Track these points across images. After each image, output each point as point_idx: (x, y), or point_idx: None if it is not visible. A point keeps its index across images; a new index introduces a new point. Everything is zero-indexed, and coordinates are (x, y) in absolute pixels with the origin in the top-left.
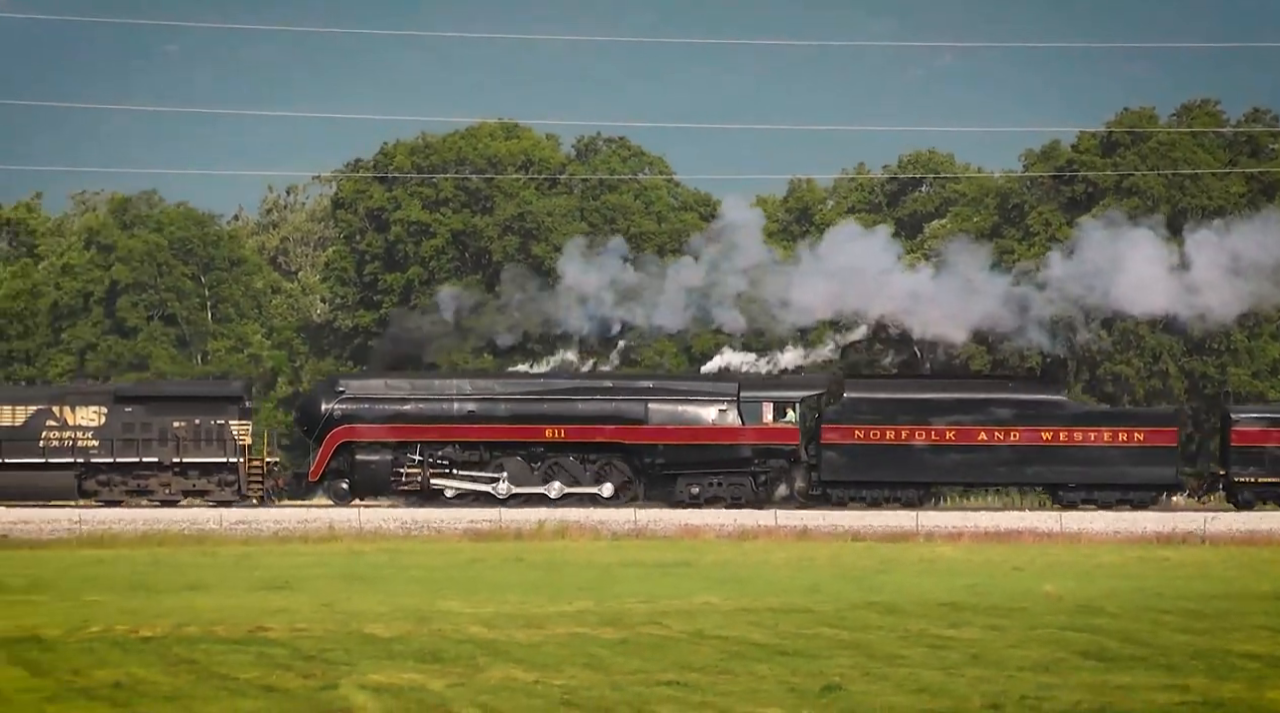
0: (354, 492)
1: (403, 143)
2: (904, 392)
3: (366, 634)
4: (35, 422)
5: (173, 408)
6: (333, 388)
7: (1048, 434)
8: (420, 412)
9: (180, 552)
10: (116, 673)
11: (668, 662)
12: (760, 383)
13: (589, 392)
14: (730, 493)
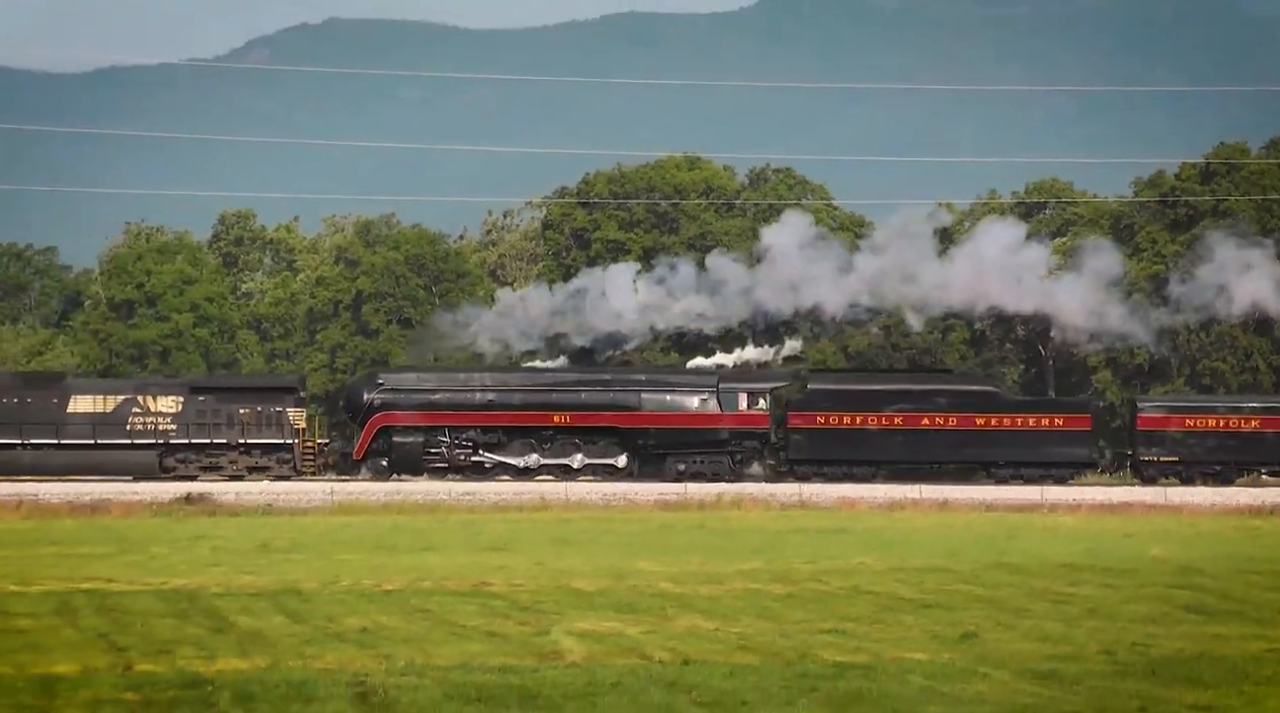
0: (391, 469)
1: (601, 173)
2: (858, 384)
3: (573, 589)
4: (123, 409)
5: (238, 397)
6: (374, 381)
7: (981, 420)
8: (447, 401)
9: (416, 518)
10: (363, 620)
11: (828, 613)
12: (736, 376)
13: (590, 384)
14: (711, 469)
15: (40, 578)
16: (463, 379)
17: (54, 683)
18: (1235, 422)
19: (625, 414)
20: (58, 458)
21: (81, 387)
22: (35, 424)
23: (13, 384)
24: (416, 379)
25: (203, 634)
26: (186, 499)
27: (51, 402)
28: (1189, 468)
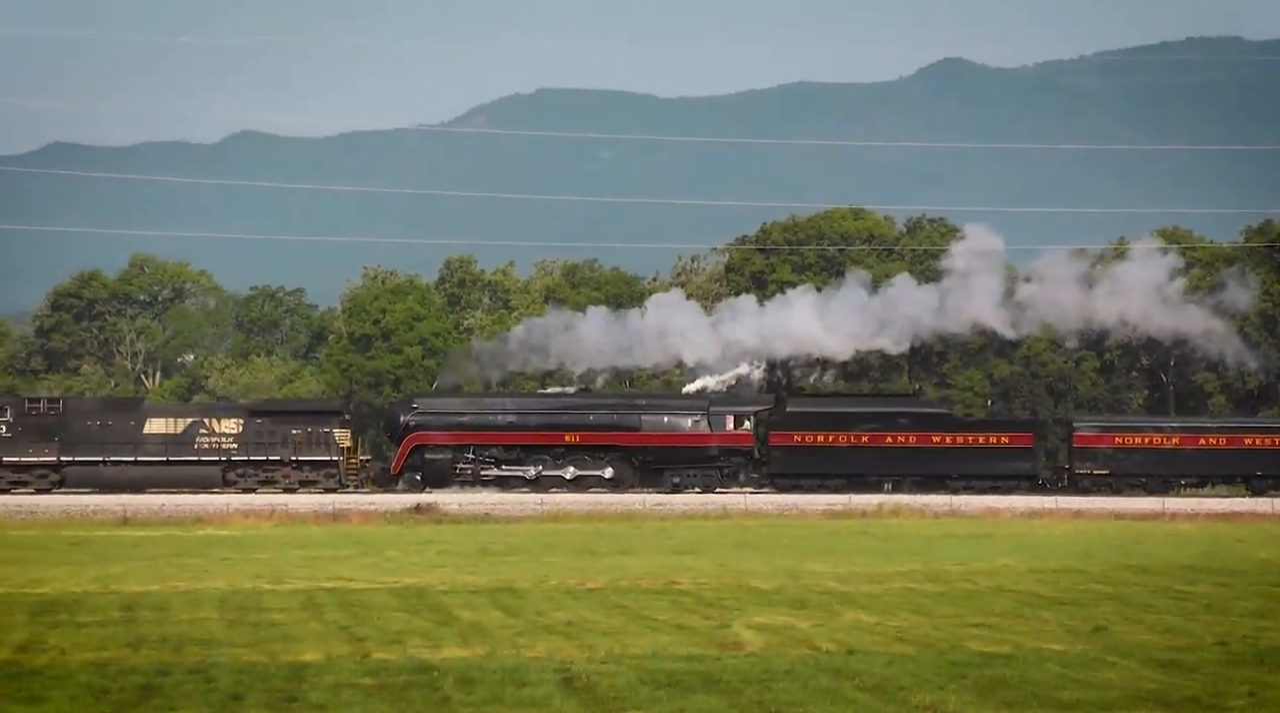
0: (424, 482)
1: (777, 222)
2: (831, 406)
3: (751, 587)
4: (191, 430)
5: (291, 419)
6: (409, 404)
7: (937, 438)
8: (473, 422)
9: (615, 525)
10: (569, 614)
11: (975, 609)
12: (724, 400)
13: (597, 407)
14: (702, 482)
15: (290, 577)
16: (486, 404)
17: (302, 669)
18: (1158, 439)
19: (627, 434)
20: (134, 473)
21: (156, 411)
22: (115, 444)
23: (96, 408)
24: (446, 403)
25: (430, 627)
26: (416, 509)
27: (130, 424)
28: (1119, 480)
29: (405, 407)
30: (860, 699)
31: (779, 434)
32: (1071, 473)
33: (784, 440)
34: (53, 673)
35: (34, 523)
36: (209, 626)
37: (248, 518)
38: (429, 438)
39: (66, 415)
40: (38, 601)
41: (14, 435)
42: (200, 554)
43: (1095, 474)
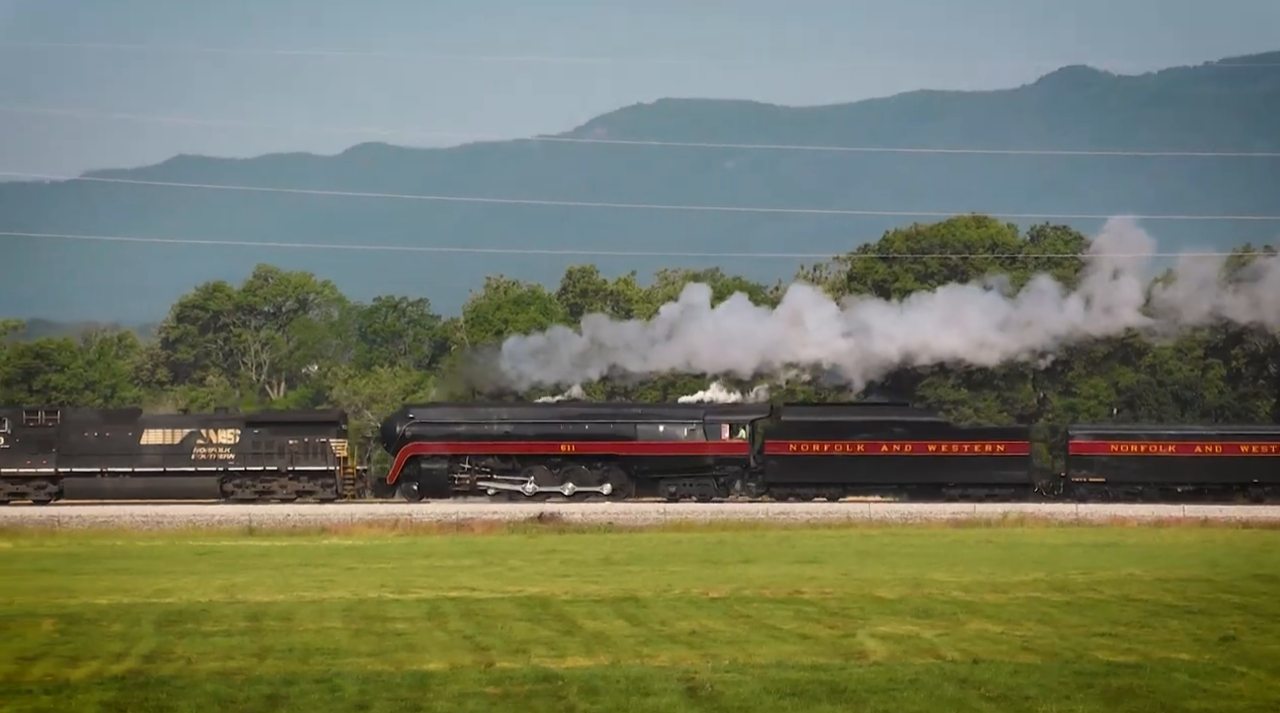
0: (420, 492)
1: (899, 231)
2: (826, 415)
3: (875, 596)
4: (188, 441)
5: (288, 430)
6: (406, 415)
7: (932, 446)
8: (469, 432)
9: (738, 534)
10: (692, 623)
11: (1102, 618)
12: (720, 409)
13: (593, 417)
14: (698, 491)
15: (414, 587)
16: (481, 413)
17: (426, 678)
18: (1154, 447)
19: (622, 443)
20: (132, 484)
21: (153, 422)
22: (113, 455)
23: (93, 419)
24: (441, 413)
25: (554, 636)
26: (539, 519)
27: (127, 435)
28: (1114, 488)
29: (401, 417)
30: (986, 709)
31: (774, 443)
32: (1067, 481)
33: (779, 449)
34: (179, 683)
35: (160, 533)
36: (334, 635)
37: (372, 528)
38: (425, 448)
39: (64, 426)
40: (165, 610)
41: (12, 447)
42: (325, 564)
43: (1091, 481)
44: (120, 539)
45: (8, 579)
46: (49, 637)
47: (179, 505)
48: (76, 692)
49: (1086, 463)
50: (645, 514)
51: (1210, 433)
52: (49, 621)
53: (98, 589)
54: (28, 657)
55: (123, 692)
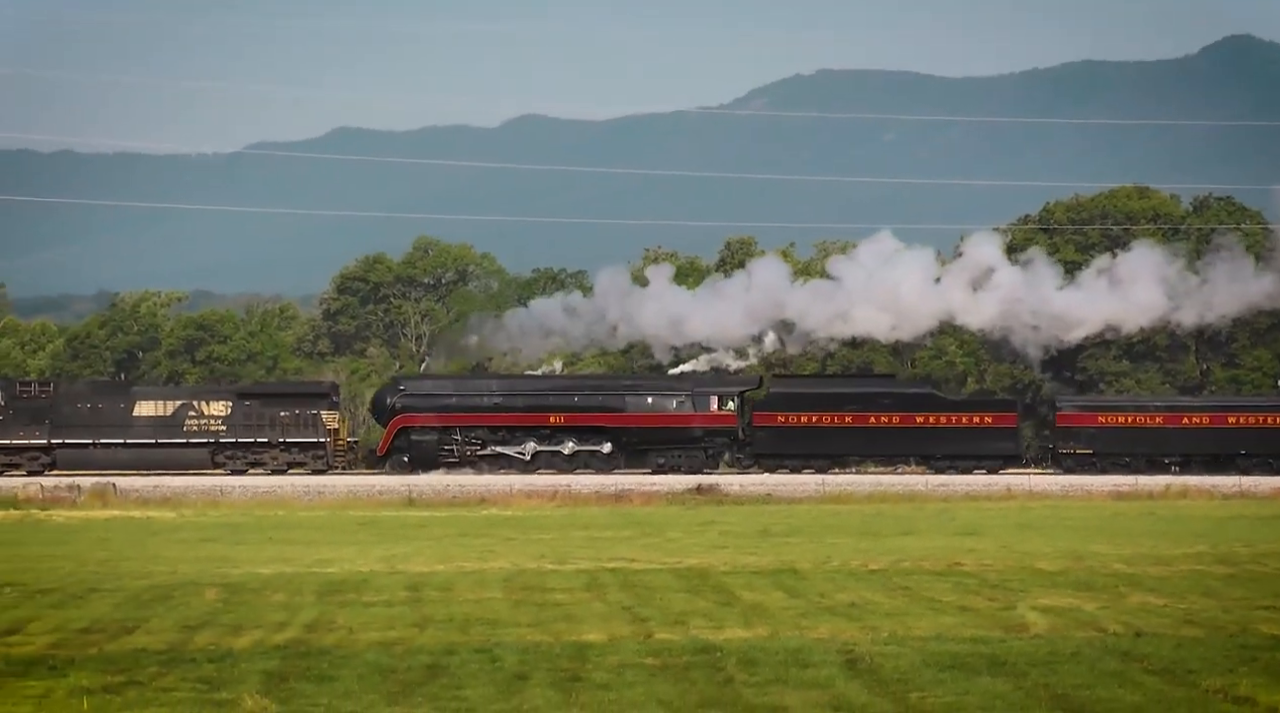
0: (411, 464)
1: (1060, 202)
2: (815, 387)
3: (1035, 569)
4: (180, 413)
5: (279, 402)
6: (396, 386)
7: (920, 418)
8: (459, 404)
9: (897, 506)
10: (851, 596)
11: (1266, 591)
12: (708, 381)
13: (582, 388)
14: (686, 463)
15: (573, 558)
16: (472, 385)
17: (585, 649)
18: (1142, 418)
19: (612, 415)
20: (124, 455)
21: (145, 394)
22: (106, 426)
23: (86, 391)
24: (433, 385)
25: (712, 607)
26: (697, 490)
27: (119, 406)
28: (1102, 459)
29: (392, 389)
30: (1149, 683)
31: (763, 415)
32: (1055, 452)
33: (768, 421)
34: (340, 652)
35: (321, 504)
36: (493, 605)
37: (530, 499)
38: (415, 420)
39: (57, 398)
40: (326, 580)
41: (5, 418)
42: (484, 535)
43: (1078, 453)
44: (282, 510)
45: (172, 549)
46: (212, 606)
47: (341, 476)
48: (239, 661)
49: (1074, 434)
50: (803, 486)
51: (1198, 405)
52: (212, 590)
53: (260, 559)
54: (191, 626)
55: (284, 661)
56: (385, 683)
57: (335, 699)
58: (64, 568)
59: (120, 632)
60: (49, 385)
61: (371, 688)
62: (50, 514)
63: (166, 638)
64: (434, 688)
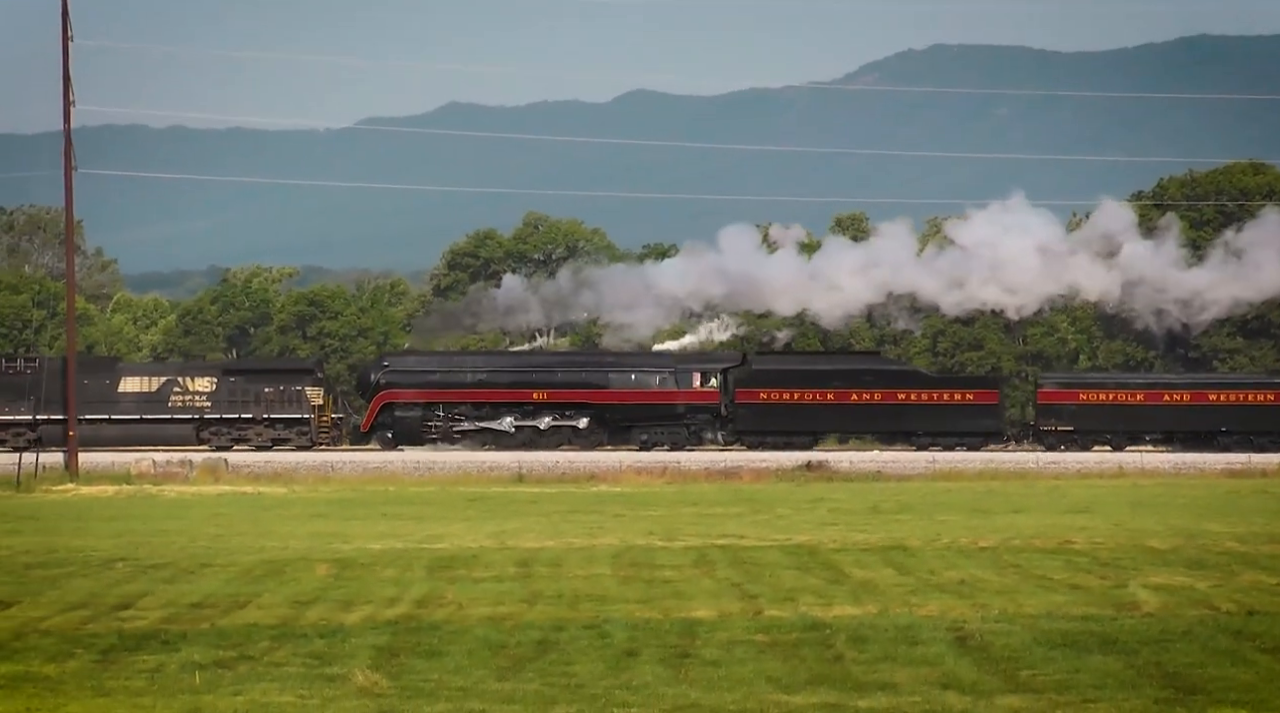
0: (395, 440)
1: (1174, 177)
2: (797, 364)
3: (1147, 547)
4: (165, 388)
5: (264, 378)
6: (380, 363)
7: (903, 395)
8: (443, 380)
9: (1007, 484)
10: (961, 573)
11: None
12: (691, 358)
13: (565, 365)
14: (669, 439)
15: (683, 534)
16: (456, 361)
17: (694, 626)
18: (1123, 395)
19: (594, 391)
20: (110, 431)
21: (130, 370)
22: (91, 402)
23: None
24: (416, 361)
25: (822, 584)
26: (807, 467)
27: (105, 382)
28: (1083, 436)
29: (376, 365)
30: (1262, 662)
31: (745, 391)
32: (1036, 429)
33: (750, 398)
34: (451, 627)
35: (431, 479)
36: (603, 582)
37: (640, 475)
38: (399, 395)
39: (42, 374)
40: (436, 556)
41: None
42: (594, 511)
43: (1059, 430)
44: (392, 485)
45: (283, 524)
46: (323, 581)
47: (448, 453)
48: (350, 636)
49: (1055, 411)
50: (914, 463)
51: (1179, 382)
52: (323, 565)
53: (370, 534)
54: (303, 601)
55: (395, 636)
56: (495, 658)
57: (445, 675)
58: (176, 543)
59: (232, 607)
60: (34, 361)
61: (481, 663)
62: (162, 489)
63: (278, 613)
64: (543, 664)
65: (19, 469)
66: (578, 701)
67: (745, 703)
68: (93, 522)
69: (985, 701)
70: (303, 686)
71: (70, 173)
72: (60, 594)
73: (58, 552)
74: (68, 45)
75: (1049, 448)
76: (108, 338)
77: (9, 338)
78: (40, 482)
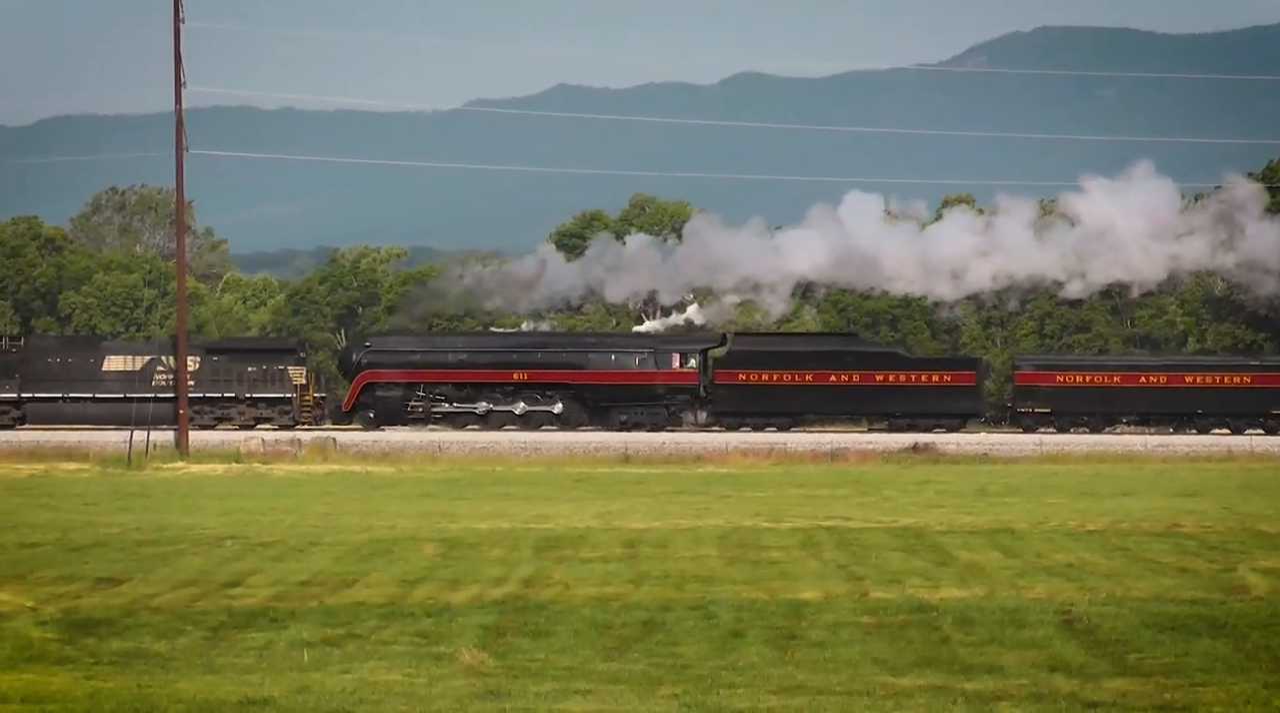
0: (376, 420)
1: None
2: (776, 345)
3: (1257, 531)
4: (149, 367)
5: (247, 357)
6: (362, 343)
7: (880, 376)
8: (424, 360)
9: (1115, 467)
10: (1069, 556)
11: None
12: (670, 339)
13: (545, 346)
14: (649, 420)
15: (789, 516)
16: (437, 342)
17: (801, 607)
18: (1100, 377)
19: (574, 372)
20: (94, 409)
21: (114, 348)
22: (75, 380)
23: (56, 346)
24: (398, 341)
25: (928, 567)
26: (914, 449)
27: (89, 361)
28: (1060, 418)
29: (357, 345)
30: None
31: (724, 372)
32: (1014, 411)
33: (729, 379)
34: (557, 607)
35: (538, 459)
36: (709, 562)
37: (746, 456)
38: (380, 375)
39: (28, 353)
40: (543, 536)
41: None
42: (700, 492)
43: (1036, 412)
44: (500, 466)
45: (391, 504)
46: (431, 561)
47: (554, 434)
48: (457, 615)
49: (1032, 393)
50: (1021, 445)
51: (1155, 363)
52: (431, 545)
53: (478, 514)
54: (410, 580)
55: (502, 616)
56: (601, 638)
57: (552, 654)
58: (285, 522)
59: (340, 585)
60: (20, 340)
61: (587, 643)
62: (271, 468)
63: (385, 592)
64: (650, 644)
65: (129, 447)
66: (683, 681)
67: (851, 685)
68: (202, 500)
69: (1093, 684)
70: (410, 664)
71: (181, 154)
72: (170, 572)
73: (168, 529)
74: (179, 28)
75: (1026, 430)
76: (217, 317)
77: (120, 317)
78: (151, 460)
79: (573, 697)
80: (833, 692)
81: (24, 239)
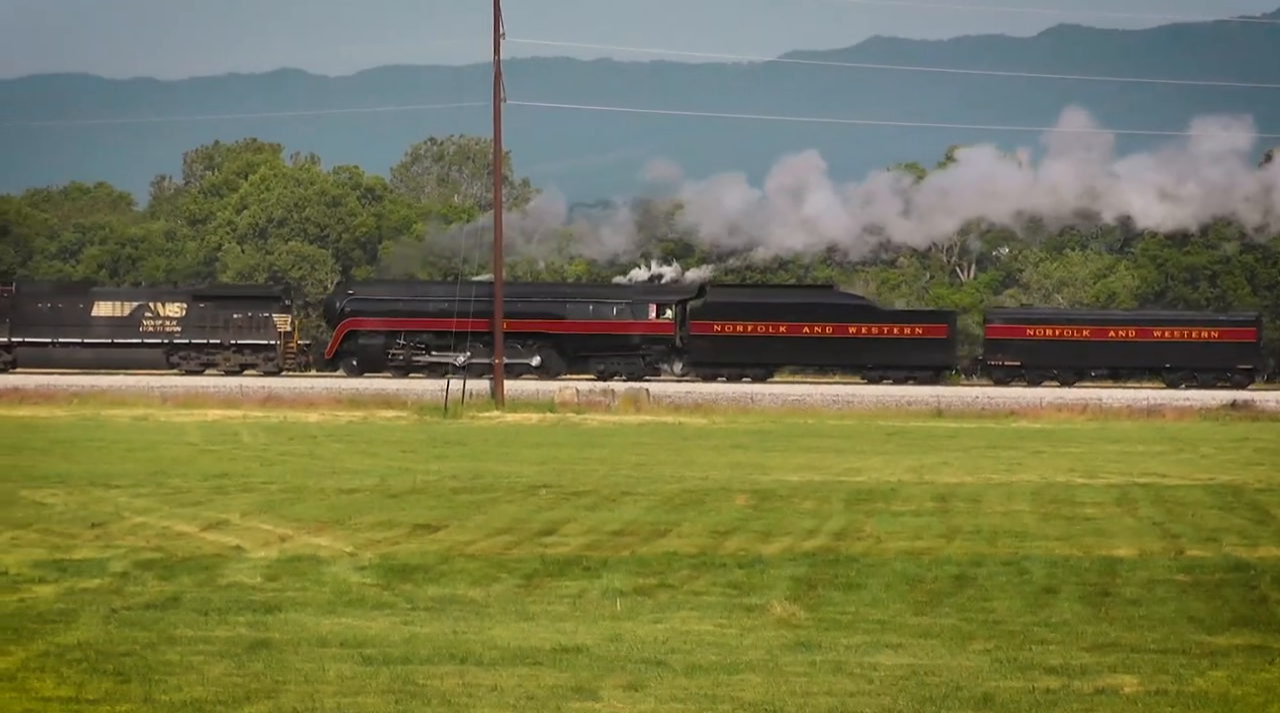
0: (359, 367)
1: None
2: (751, 297)
3: None
4: (137, 313)
5: (233, 304)
6: (345, 291)
7: (854, 328)
8: (405, 309)
9: None
10: None
11: None
12: (647, 290)
13: (525, 296)
14: (626, 370)
15: (1104, 472)
16: (418, 290)
17: (1115, 564)
18: (1069, 331)
19: (552, 321)
20: (83, 354)
21: (103, 294)
22: (64, 326)
23: (45, 291)
24: (379, 289)
25: (1246, 525)
26: (1232, 406)
27: (78, 307)
28: (1031, 372)
29: (340, 293)
30: None
31: (699, 323)
32: (985, 364)
33: (704, 330)
34: (868, 560)
35: (850, 413)
36: (1022, 518)
37: (1060, 412)
38: (362, 324)
39: (18, 298)
40: (855, 488)
41: None
42: (1013, 447)
43: (1007, 365)
44: (811, 418)
45: (705, 455)
46: (742, 512)
47: (864, 387)
48: (769, 566)
49: (1003, 346)
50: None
51: (1125, 317)
52: (742, 496)
53: (789, 467)
54: (722, 531)
55: (813, 568)
56: (912, 593)
57: (863, 607)
58: (598, 471)
59: (652, 535)
60: (11, 285)
61: (899, 597)
62: (585, 418)
63: (697, 542)
64: (961, 599)
65: (446, 396)
66: (995, 636)
67: (1166, 643)
68: (517, 448)
69: None
70: (722, 615)
71: (499, 104)
72: (486, 519)
73: (483, 477)
74: None
75: (997, 382)
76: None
77: (437, 266)
78: (467, 409)
79: (884, 650)
80: (1147, 650)
81: (345, 188)
